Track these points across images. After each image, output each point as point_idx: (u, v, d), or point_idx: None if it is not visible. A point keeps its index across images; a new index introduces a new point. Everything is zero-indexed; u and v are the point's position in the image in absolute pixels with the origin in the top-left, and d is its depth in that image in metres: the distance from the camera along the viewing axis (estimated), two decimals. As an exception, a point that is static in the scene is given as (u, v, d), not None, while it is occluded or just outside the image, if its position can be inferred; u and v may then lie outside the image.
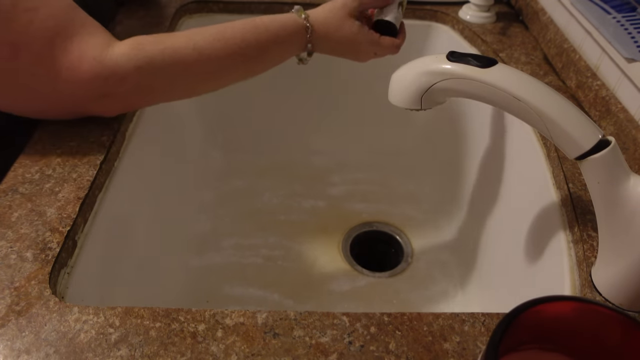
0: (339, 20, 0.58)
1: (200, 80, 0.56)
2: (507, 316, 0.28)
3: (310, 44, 0.59)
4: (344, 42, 0.59)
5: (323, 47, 0.61)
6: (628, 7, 0.63)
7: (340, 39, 0.59)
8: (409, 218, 0.87)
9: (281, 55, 0.60)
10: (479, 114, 0.78)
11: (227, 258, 0.80)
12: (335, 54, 0.63)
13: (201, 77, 0.56)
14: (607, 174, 0.39)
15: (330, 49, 0.61)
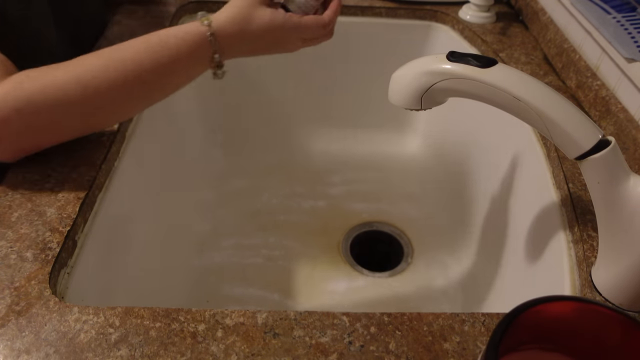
0: (246, 13, 0.51)
1: (91, 117, 0.50)
2: (507, 316, 0.28)
3: (217, 54, 0.51)
4: (259, 35, 0.52)
5: (238, 50, 0.53)
6: (628, 7, 0.63)
7: (254, 34, 0.51)
8: (409, 218, 0.87)
9: (187, 74, 0.52)
10: (478, 114, 0.78)
11: (227, 258, 0.80)
12: (256, 53, 0.55)
13: (90, 113, 0.49)
14: (607, 174, 0.39)
15: (248, 49, 0.54)
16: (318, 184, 0.93)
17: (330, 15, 0.55)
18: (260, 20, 0.51)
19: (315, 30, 0.54)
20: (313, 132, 1.00)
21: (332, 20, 0.55)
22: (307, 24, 0.53)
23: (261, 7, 0.51)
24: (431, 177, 0.94)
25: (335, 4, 0.55)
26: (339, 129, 1.00)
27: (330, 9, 0.55)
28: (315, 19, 0.53)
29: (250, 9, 0.51)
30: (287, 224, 0.86)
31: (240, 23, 0.51)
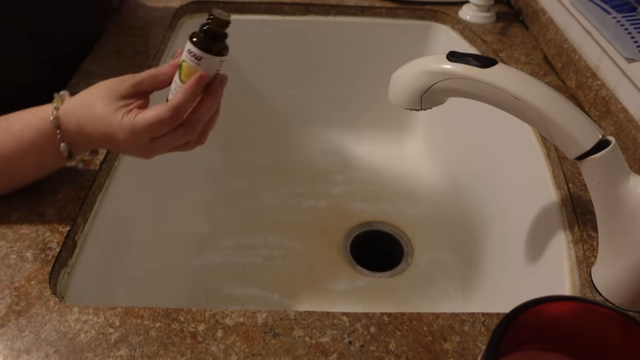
0: (94, 98, 0.42)
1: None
2: (507, 316, 0.28)
3: (64, 144, 0.43)
4: (98, 133, 0.42)
5: (84, 145, 0.45)
6: (628, 7, 0.63)
7: (93, 130, 0.42)
8: (409, 218, 0.87)
9: (35, 165, 0.46)
10: (478, 114, 0.78)
11: (227, 258, 0.80)
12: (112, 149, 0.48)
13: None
14: (607, 174, 0.39)
15: (93, 144, 0.45)
16: (318, 184, 0.93)
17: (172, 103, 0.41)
18: (99, 112, 0.42)
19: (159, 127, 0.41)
20: (313, 132, 1.00)
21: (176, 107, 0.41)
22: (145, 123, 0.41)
23: (103, 101, 0.41)
24: (431, 177, 0.94)
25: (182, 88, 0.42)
26: (339, 128, 1.00)
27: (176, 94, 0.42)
28: (154, 115, 0.41)
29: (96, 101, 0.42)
30: (287, 223, 0.86)
31: (80, 115, 0.42)
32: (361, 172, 0.96)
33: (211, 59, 0.44)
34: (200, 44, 0.43)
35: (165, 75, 0.44)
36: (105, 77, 0.66)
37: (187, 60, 0.43)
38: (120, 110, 0.41)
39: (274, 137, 1.00)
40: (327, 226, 0.86)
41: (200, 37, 0.43)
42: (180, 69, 0.44)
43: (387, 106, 0.51)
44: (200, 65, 0.43)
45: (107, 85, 0.43)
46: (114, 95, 0.42)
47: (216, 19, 0.43)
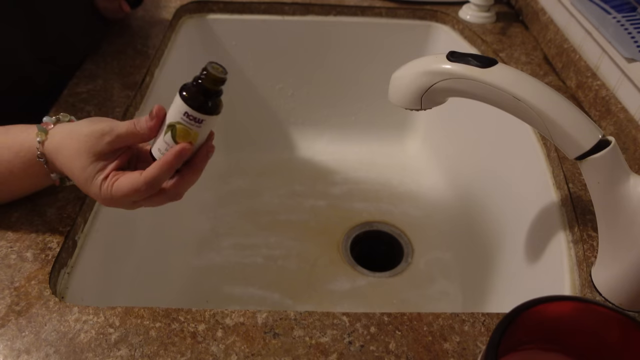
0: (73, 152, 0.41)
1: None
2: (507, 316, 0.28)
3: (55, 174, 0.44)
4: (76, 181, 0.42)
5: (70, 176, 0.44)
6: (628, 7, 0.63)
7: (71, 176, 0.43)
8: (408, 218, 0.87)
9: (21, 187, 0.47)
10: (478, 114, 0.78)
11: (227, 258, 0.80)
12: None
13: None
14: (607, 174, 0.39)
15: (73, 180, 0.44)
16: (318, 184, 0.93)
17: (147, 177, 0.40)
18: (78, 173, 0.41)
19: (134, 195, 0.41)
20: (313, 131, 1.00)
21: (151, 181, 0.40)
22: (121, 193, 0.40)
23: (86, 158, 0.41)
24: (431, 177, 0.94)
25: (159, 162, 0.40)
26: (339, 128, 1.00)
27: (151, 167, 0.40)
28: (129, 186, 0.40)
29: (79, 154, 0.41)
30: (287, 223, 0.86)
31: (62, 161, 0.42)
32: (361, 172, 0.96)
33: (212, 119, 0.41)
34: (200, 107, 0.40)
35: (144, 132, 0.41)
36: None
37: (183, 124, 0.40)
38: (97, 175, 0.41)
39: (274, 137, 1.00)
40: (327, 226, 0.86)
41: (198, 99, 0.40)
42: (173, 131, 0.40)
43: (387, 106, 0.51)
44: (201, 127, 0.40)
45: (84, 139, 0.41)
46: (90, 154, 0.41)
47: (213, 76, 0.40)
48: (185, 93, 0.40)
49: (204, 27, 0.88)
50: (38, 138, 0.42)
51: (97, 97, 0.63)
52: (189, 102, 0.40)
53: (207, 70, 0.40)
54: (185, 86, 0.40)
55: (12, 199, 0.48)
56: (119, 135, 0.41)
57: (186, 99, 0.40)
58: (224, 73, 0.40)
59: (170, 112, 0.41)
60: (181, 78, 0.41)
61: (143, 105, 0.67)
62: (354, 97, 0.97)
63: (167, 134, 0.40)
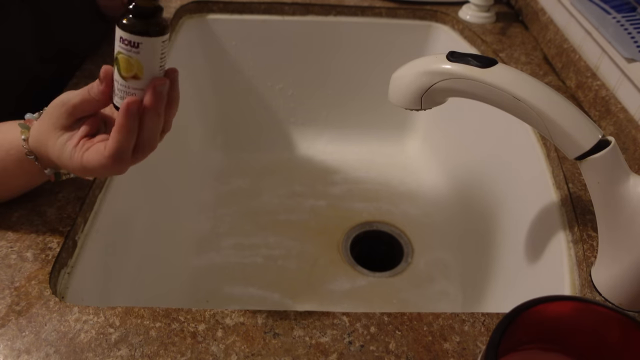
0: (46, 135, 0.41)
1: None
2: (507, 316, 0.28)
3: (49, 169, 0.44)
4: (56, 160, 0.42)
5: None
6: (628, 7, 0.63)
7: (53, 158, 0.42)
8: (408, 218, 0.87)
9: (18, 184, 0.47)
10: (478, 114, 0.78)
11: (227, 258, 0.80)
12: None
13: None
14: (607, 174, 0.39)
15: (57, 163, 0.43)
16: (318, 184, 0.93)
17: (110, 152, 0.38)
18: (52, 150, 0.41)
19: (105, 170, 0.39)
20: (313, 131, 1.00)
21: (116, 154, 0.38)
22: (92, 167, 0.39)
23: (56, 133, 0.40)
24: (431, 177, 0.94)
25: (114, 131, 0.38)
26: (339, 128, 1.00)
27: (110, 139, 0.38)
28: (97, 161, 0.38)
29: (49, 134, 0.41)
30: (287, 223, 0.86)
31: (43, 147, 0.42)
32: (361, 172, 0.96)
33: (152, 41, 0.36)
34: (134, 28, 0.36)
35: (98, 97, 0.39)
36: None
37: (123, 52, 0.36)
38: (67, 146, 0.40)
39: (273, 137, 1.00)
40: (327, 226, 0.86)
41: (130, 18, 0.36)
42: (117, 64, 0.37)
43: (387, 106, 0.51)
44: (140, 53, 0.36)
45: (49, 115, 0.41)
46: (57, 129, 0.40)
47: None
48: (123, 20, 0.36)
49: (204, 27, 0.88)
50: (22, 136, 0.42)
51: (97, 97, 0.63)
52: (122, 25, 0.36)
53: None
54: (122, 14, 0.37)
55: (11, 196, 0.48)
56: (74, 105, 0.40)
57: (120, 24, 0.36)
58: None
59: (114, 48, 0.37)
60: (181, 78, 0.41)
61: (143, 105, 0.67)
62: (354, 97, 0.97)
63: (115, 72, 0.37)
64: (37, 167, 0.44)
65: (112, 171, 0.39)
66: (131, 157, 0.39)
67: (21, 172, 0.44)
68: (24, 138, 0.42)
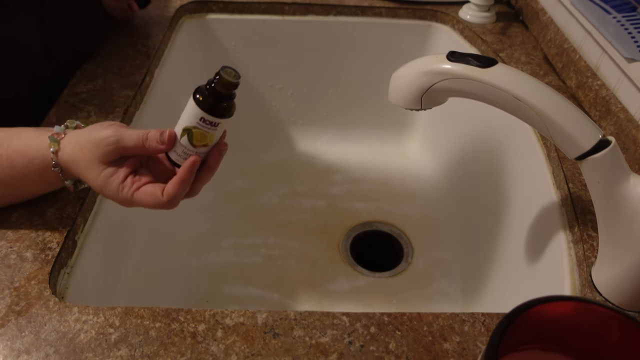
0: (85, 163, 0.42)
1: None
2: (507, 316, 0.28)
3: (68, 180, 0.46)
4: (94, 188, 0.44)
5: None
6: (628, 7, 0.63)
7: (89, 184, 0.44)
8: (408, 218, 0.87)
9: (33, 191, 0.48)
10: (478, 114, 0.78)
11: (227, 258, 0.80)
12: None
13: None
14: (607, 174, 0.39)
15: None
16: (318, 184, 0.93)
17: (168, 196, 0.42)
18: (92, 180, 0.43)
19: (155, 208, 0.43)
20: (313, 131, 1.00)
21: (173, 199, 0.42)
22: (143, 205, 0.43)
23: (99, 167, 0.42)
24: (431, 176, 0.94)
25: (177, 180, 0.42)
26: (339, 128, 1.00)
27: (170, 185, 0.42)
28: (151, 202, 0.42)
29: (91, 163, 0.42)
30: (287, 223, 0.86)
31: (78, 167, 0.43)
32: (361, 172, 0.96)
33: (226, 122, 0.42)
34: (215, 111, 0.41)
35: (154, 153, 0.44)
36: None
37: (199, 128, 0.41)
38: (112, 180, 0.42)
39: (273, 137, 1.00)
40: (327, 226, 0.86)
41: (213, 103, 0.41)
42: (189, 135, 0.42)
43: (387, 106, 0.51)
44: (216, 130, 0.42)
45: (93, 148, 0.42)
46: (100, 163, 0.42)
47: (225, 81, 0.40)
48: (200, 97, 0.41)
49: (204, 27, 0.88)
50: (51, 149, 0.43)
51: (97, 97, 0.63)
52: (205, 108, 0.41)
53: (220, 75, 0.40)
54: (200, 90, 0.41)
55: (21, 200, 0.49)
56: (126, 148, 0.42)
57: (201, 104, 0.41)
58: (237, 78, 0.41)
59: (185, 116, 0.42)
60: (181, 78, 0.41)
61: (143, 105, 0.67)
62: (354, 97, 0.97)
63: (183, 137, 0.42)
64: (59, 177, 0.45)
65: (162, 207, 0.43)
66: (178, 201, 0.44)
67: (39, 180, 0.45)
68: (53, 151, 0.43)
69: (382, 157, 0.99)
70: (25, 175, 0.45)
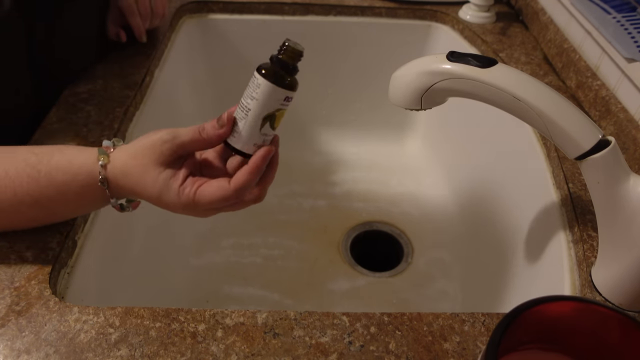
0: (141, 169, 0.40)
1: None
2: (507, 316, 0.28)
3: (114, 199, 0.43)
4: (149, 197, 0.41)
5: (135, 197, 0.44)
6: (628, 7, 0.63)
7: (144, 194, 0.41)
8: (408, 218, 0.87)
9: (75, 210, 0.45)
10: (478, 114, 0.78)
11: (227, 258, 0.80)
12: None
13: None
14: (607, 174, 0.39)
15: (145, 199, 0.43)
16: (318, 184, 0.93)
17: (237, 184, 0.39)
18: (150, 185, 0.40)
19: (220, 203, 0.40)
20: (313, 131, 1.00)
21: (241, 189, 0.39)
22: (207, 200, 0.40)
23: (157, 169, 0.40)
24: (431, 177, 0.94)
25: (248, 168, 0.39)
26: (339, 128, 1.00)
27: (240, 173, 0.39)
28: (217, 194, 0.39)
29: (147, 167, 0.40)
30: (287, 223, 0.86)
31: (131, 179, 0.41)
32: (361, 172, 0.96)
33: (294, 95, 0.41)
34: (292, 85, 0.40)
35: (212, 140, 0.41)
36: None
37: (283, 108, 0.40)
38: (172, 183, 0.40)
39: (274, 137, 1.00)
40: (327, 226, 0.86)
41: (290, 78, 0.39)
42: (272, 120, 0.40)
43: (387, 106, 0.51)
44: (289, 105, 0.41)
45: (148, 152, 0.40)
46: (157, 165, 0.40)
47: (294, 50, 0.39)
48: (274, 77, 0.39)
49: (204, 27, 0.88)
50: (100, 162, 0.41)
51: (97, 97, 0.63)
52: (285, 85, 0.39)
53: (287, 46, 0.39)
54: (269, 70, 0.39)
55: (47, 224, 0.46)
56: (182, 143, 0.40)
57: (281, 83, 0.39)
58: (302, 47, 0.40)
59: (261, 103, 0.40)
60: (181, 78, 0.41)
61: (143, 105, 0.67)
62: (353, 97, 0.97)
63: (264, 126, 0.40)
64: (104, 195, 0.42)
65: (227, 205, 0.40)
66: (242, 202, 0.41)
67: (81, 198, 0.42)
68: (102, 164, 0.41)
69: (382, 157, 0.99)
70: (65, 194, 0.41)
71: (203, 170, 0.44)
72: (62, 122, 0.58)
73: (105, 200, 0.43)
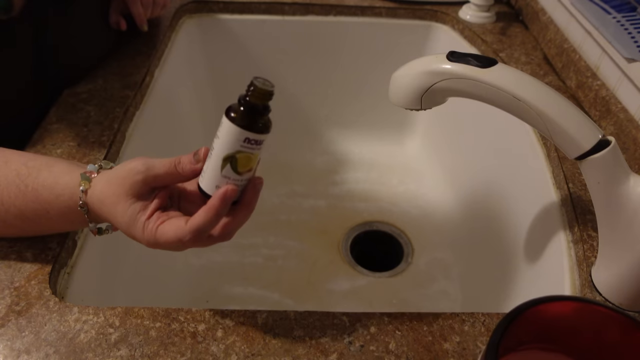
0: (114, 199, 0.39)
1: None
2: (507, 316, 0.28)
3: (93, 223, 0.42)
4: (120, 227, 0.40)
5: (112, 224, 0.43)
6: (628, 7, 0.63)
7: (116, 223, 0.40)
8: (409, 218, 0.87)
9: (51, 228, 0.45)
10: (478, 114, 0.78)
11: (227, 258, 0.80)
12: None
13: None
14: (607, 174, 0.39)
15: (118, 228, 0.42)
16: (318, 184, 0.93)
17: (192, 226, 0.37)
18: (120, 217, 0.39)
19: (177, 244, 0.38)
20: (313, 131, 1.00)
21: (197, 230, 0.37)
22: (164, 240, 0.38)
23: (128, 200, 0.39)
24: (431, 176, 0.94)
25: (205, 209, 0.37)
26: (339, 128, 1.00)
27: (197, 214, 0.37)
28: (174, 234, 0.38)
29: (119, 199, 0.39)
30: (287, 223, 0.86)
31: (104, 207, 0.40)
32: (361, 172, 0.96)
33: (266, 138, 0.38)
34: (257, 127, 0.37)
35: (186, 174, 0.39)
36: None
37: (244, 151, 0.37)
38: (139, 217, 0.39)
39: (273, 137, 0.99)
40: (327, 226, 0.86)
41: (254, 119, 0.37)
42: (234, 162, 0.37)
43: (387, 106, 0.51)
44: (260, 149, 0.38)
45: (121, 182, 0.39)
46: (128, 196, 0.39)
47: (262, 91, 0.37)
48: (236, 116, 0.37)
49: (204, 27, 0.88)
50: (81, 187, 0.40)
51: (97, 97, 0.63)
52: (247, 125, 0.36)
53: (254, 85, 0.37)
54: (233, 109, 0.37)
55: (36, 235, 0.46)
56: (156, 175, 0.39)
57: (241, 123, 0.36)
58: (272, 86, 0.37)
59: (222, 142, 0.37)
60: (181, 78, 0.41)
61: (143, 105, 0.67)
62: (354, 97, 0.97)
63: (225, 168, 0.37)
64: (84, 219, 0.42)
65: (184, 245, 0.38)
66: (205, 240, 0.39)
67: (62, 218, 0.42)
68: (83, 189, 0.40)
69: (382, 157, 0.99)
70: (48, 212, 0.42)
71: (181, 202, 0.42)
72: (62, 122, 0.58)
73: (85, 223, 0.42)
